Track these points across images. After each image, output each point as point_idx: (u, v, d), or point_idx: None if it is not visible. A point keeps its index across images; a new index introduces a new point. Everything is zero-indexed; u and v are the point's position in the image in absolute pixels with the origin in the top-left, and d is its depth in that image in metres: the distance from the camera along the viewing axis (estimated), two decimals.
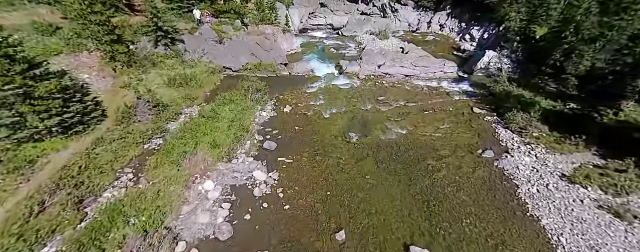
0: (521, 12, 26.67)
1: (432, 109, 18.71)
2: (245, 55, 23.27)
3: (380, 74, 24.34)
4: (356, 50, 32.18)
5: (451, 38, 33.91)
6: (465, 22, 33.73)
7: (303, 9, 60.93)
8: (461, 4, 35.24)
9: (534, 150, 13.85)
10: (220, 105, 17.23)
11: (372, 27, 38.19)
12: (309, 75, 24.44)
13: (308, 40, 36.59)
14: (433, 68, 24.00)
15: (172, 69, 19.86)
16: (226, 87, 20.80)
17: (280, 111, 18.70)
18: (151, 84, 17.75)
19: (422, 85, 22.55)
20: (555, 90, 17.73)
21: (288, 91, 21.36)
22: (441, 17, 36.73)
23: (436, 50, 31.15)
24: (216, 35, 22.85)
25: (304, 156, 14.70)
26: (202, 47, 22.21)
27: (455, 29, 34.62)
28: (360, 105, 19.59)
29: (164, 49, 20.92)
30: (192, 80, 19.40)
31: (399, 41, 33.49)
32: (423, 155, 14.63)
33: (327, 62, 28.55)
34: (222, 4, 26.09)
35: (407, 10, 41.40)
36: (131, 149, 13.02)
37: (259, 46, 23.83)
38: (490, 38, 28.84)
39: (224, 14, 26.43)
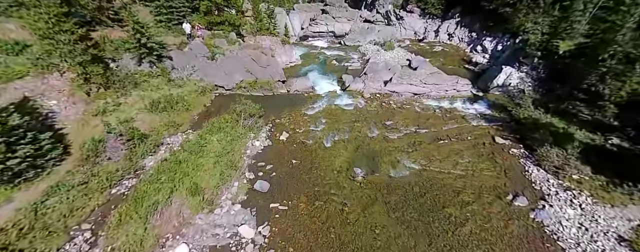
0: (539, 24, 24.25)
1: (448, 138, 16.25)
2: (239, 72, 20.96)
3: (386, 92, 21.92)
4: (360, 62, 29.80)
5: (461, 49, 31.42)
6: (476, 32, 31.23)
7: (304, 14, 58.67)
8: (471, 13, 32.76)
9: (577, 198, 11.37)
10: (208, 134, 14.91)
11: (376, 36, 35.76)
12: (309, 93, 22.05)
13: (308, 50, 34.23)
14: (445, 86, 21.55)
15: (157, 90, 17.56)
16: (217, 108, 18.47)
17: (276, 139, 16.32)
18: (130, 109, 15.46)
19: (434, 106, 20.08)
20: (590, 118, 15.24)
21: (286, 113, 18.99)
22: (450, 26, 34.26)
23: (446, 62, 28.71)
24: (208, 51, 20.55)
25: (302, 200, 12.30)
26: (192, 64, 19.92)
27: (465, 39, 32.14)
28: (365, 131, 17.17)
29: (149, 66, 18.64)
30: (179, 102, 17.07)
31: (405, 52, 31.07)
32: (442, 200, 12.18)
33: (329, 77, 26.17)
34: (216, 15, 23.85)
35: (413, 18, 38.98)
36: (94, 197, 10.70)
37: (254, 62, 21.50)
38: (505, 50, 26.33)
39: (218, 25, 24.16)
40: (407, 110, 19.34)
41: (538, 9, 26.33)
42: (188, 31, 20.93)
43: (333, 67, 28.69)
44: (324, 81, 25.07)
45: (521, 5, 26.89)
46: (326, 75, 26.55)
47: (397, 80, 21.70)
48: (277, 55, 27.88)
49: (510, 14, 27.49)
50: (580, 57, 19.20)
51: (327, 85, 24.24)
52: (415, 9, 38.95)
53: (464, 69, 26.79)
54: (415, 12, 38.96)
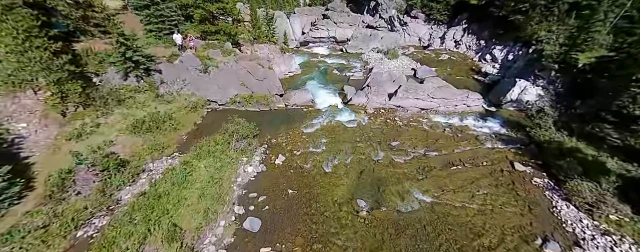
0: (554, 33, 22.52)
1: (461, 163, 14.53)
2: (234, 86, 19.37)
3: (391, 107, 20.24)
4: (362, 72, 28.14)
5: (469, 57, 29.68)
6: (485, 40, 29.49)
7: (305, 18, 57.06)
8: (479, 20, 31.01)
9: (619, 247, 9.67)
10: (195, 159, 13.30)
11: (379, 43, 34.11)
12: (308, 107, 20.39)
13: (308, 58, 32.61)
14: (454, 100, 19.84)
15: (143, 107, 15.99)
16: (209, 126, 16.85)
17: (271, 164, 14.66)
18: (110, 130, 13.90)
19: (443, 123, 18.36)
20: (621, 143, 13.50)
21: (283, 131, 17.34)
22: (456, 32, 32.53)
23: (453, 72, 26.99)
24: (200, 63, 18.97)
25: (298, 243, 10.60)
26: (183, 78, 18.35)
27: (473, 47, 30.40)
28: (369, 153, 15.48)
29: (136, 81, 17.10)
30: (166, 121, 15.47)
31: (409, 61, 29.39)
32: (459, 244, 10.45)
33: (330, 89, 24.52)
34: (210, 24, 22.30)
35: (418, 24, 37.29)
36: (54, 243, 9.12)
37: (250, 75, 19.90)
38: (517, 60, 24.57)
39: (212, 35, 22.60)
40: (414, 128, 17.63)
41: (552, 17, 24.58)
42: (179, 42, 19.36)
43: (334, 77, 27.04)
44: (324, 94, 23.42)
45: (534, 13, 25.16)
46: (327, 87, 24.90)
47: (402, 94, 20.01)
48: (276, 65, 26.31)
49: (522, 22, 25.73)
50: (603, 72, 17.47)
51: (328, 98, 22.59)
52: (419, 15, 37.28)
53: (473, 79, 25.04)
54: (419, 17, 37.29)
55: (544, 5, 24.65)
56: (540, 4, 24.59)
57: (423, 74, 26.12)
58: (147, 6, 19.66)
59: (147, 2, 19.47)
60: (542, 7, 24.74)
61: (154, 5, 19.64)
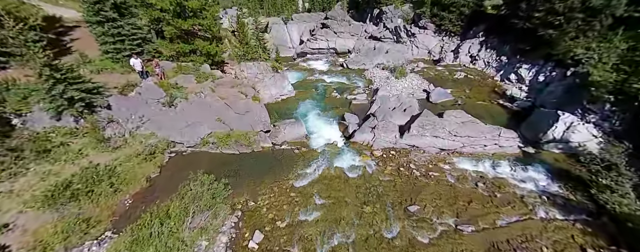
0: (594, 51, 18.35)
1: (510, 247, 10.30)
2: (207, 122, 15.22)
3: (404, 146, 16.00)
4: (365, 93, 23.91)
5: (488, 75, 25.37)
6: (507, 56, 25.17)
7: (303, 25, 52.66)
8: (499, 32, 26.70)
9: None
10: (128, 250, 9.17)
11: (385, 58, 29.86)
12: (301, 147, 16.14)
13: (304, 76, 28.37)
14: (482, 139, 15.57)
15: (77, 159, 11.88)
16: (168, 180, 12.48)
17: (242, 248, 10.49)
18: (12, 204, 9.78)
19: (472, 172, 14.04)
20: None
21: (265, 186, 13.06)
22: (472, 46, 28.25)
23: (472, 94, 22.65)
24: (164, 95, 14.86)
25: None
26: (141, 114, 14.24)
27: (492, 64, 26.08)
28: (380, 225, 11.20)
29: (74, 120, 13.08)
30: (104, 180, 11.35)
31: (420, 80, 25.12)
32: None
33: (328, 117, 20.26)
34: (183, 43, 18.18)
35: (427, 36, 33.05)
36: None
37: (229, 108, 15.73)
38: (551, 83, 20.20)
39: (186, 56, 18.52)
40: (436, 182, 13.31)
41: (592, 32, 20.32)
42: (138, 68, 15.22)
43: (333, 101, 22.81)
44: (321, 124, 19.19)
45: (569, 27, 20.90)
46: (324, 114, 20.65)
47: (417, 131, 15.75)
48: (265, 87, 22.15)
49: (554, 37, 21.46)
50: None
51: (326, 130, 18.36)
52: (428, 25, 33.06)
53: (498, 105, 20.71)
54: (429, 28, 33.07)
55: (582, 18, 20.41)
56: (577, 17, 20.34)
57: (438, 97, 21.85)
58: (100, 23, 15.63)
59: (100, 18, 15.43)
60: (579, 20, 20.50)
61: (108, 22, 15.57)
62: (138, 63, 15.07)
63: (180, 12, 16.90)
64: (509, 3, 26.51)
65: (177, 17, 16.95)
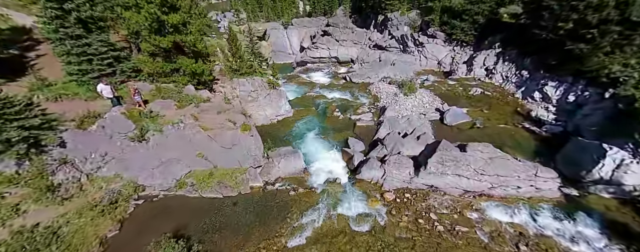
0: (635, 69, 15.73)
1: None
2: (187, 159, 12.60)
3: (420, 186, 13.30)
4: (371, 112, 21.23)
5: (507, 92, 22.57)
6: (529, 71, 22.37)
7: (303, 30, 49.93)
8: (518, 44, 23.98)
9: None
10: None
11: (391, 71, 27.14)
12: (298, 185, 13.48)
13: (304, 91, 25.70)
14: (514, 179, 12.81)
15: (10, 217, 9.28)
16: (129, 242, 9.82)
17: None
18: None
19: (506, 225, 11.27)
20: None
21: (251, 247, 10.29)
22: (487, 58, 25.50)
23: (491, 114, 19.89)
24: (133, 127, 12.31)
25: None
26: (103, 152, 11.68)
27: (512, 79, 23.30)
28: None
29: (15, 164, 10.56)
30: (42, 249, 8.78)
31: (431, 97, 22.41)
32: None
33: (330, 142, 17.58)
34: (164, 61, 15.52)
35: (436, 45, 30.34)
36: None
37: (213, 141, 13.12)
38: (584, 105, 17.47)
39: (168, 76, 15.91)
40: (465, 241, 10.51)
41: (630, 47, 17.58)
42: (107, 95, 12.63)
43: (336, 122, 20.15)
44: (322, 153, 16.51)
45: (604, 41, 18.14)
46: (326, 139, 17.98)
47: (436, 168, 13.04)
48: (260, 107, 19.57)
49: (586, 52, 18.70)
50: None
51: (327, 161, 15.68)
52: (438, 34, 30.37)
53: (524, 129, 17.92)
54: (438, 37, 30.38)
55: (619, 31, 17.68)
56: (613, 30, 17.60)
57: (453, 118, 19.11)
58: (61, 40, 13.12)
59: (61, 35, 12.91)
60: (616, 34, 17.76)
61: (73, 39, 13.03)
62: (107, 89, 12.46)
63: (159, 28, 14.36)
64: (529, 11, 23.82)
65: (155, 33, 14.42)
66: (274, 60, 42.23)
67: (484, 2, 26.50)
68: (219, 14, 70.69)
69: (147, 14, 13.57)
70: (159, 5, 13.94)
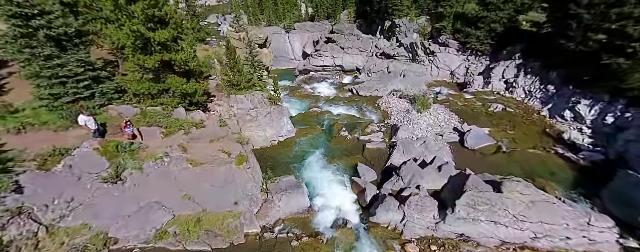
0: None
1: None
2: (171, 202, 10.54)
3: (449, 235, 11.08)
4: (382, 132, 19.01)
5: (532, 109, 20.20)
6: (556, 86, 20.07)
7: (306, 35, 47.75)
8: (542, 56, 21.68)
9: None
10: None
11: (402, 84, 24.91)
12: (301, 230, 11.31)
13: (307, 105, 23.56)
14: (563, 228, 10.46)
15: None
16: None
17: None
18: None
19: None
20: None
21: None
22: (507, 70, 23.21)
23: (517, 135, 17.57)
24: (107, 166, 10.27)
25: None
26: (69, 197, 9.66)
27: (536, 94, 20.95)
28: None
29: None
30: None
31: (448, 114, 20.18)
32: None
33: (337, 170, 15.39)
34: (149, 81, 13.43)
35: (449, 54, 28.12)
36: None
37: (203, 178, 11.05)
38: (627, 128, 15.21)
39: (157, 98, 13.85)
40: None
41: None
42: (93, 127, 10.58)
43: (343, 143, 17.99)
44: (328, 184, 14.33)
45: None
46: (333, 166, 15.80)
47: (466, 213, 10.83)
48: (260, 128, 17.51)
49: (628, 68, 16.38)
50: None
51: (335, 196, 13.56)
52: (451, 42, 28.15)
53: (556, 156, 15.58)
54: (451, 46, 28.15)
55: None
56: None
57: (475, 141, 16.86)
58: (28, 61, 11.17)
59: (28, 55, 10.96)
60: None
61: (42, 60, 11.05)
62: (91, 121, 10.41)
63: (144, 46, 12.37)
64: (554, 20, 21.56)
65: (141, 52, 12.43)
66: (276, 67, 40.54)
67: (502, 10, 24.29)
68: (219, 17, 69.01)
69: (130, 32, 11.56)
70: (145, 21, 11.93)
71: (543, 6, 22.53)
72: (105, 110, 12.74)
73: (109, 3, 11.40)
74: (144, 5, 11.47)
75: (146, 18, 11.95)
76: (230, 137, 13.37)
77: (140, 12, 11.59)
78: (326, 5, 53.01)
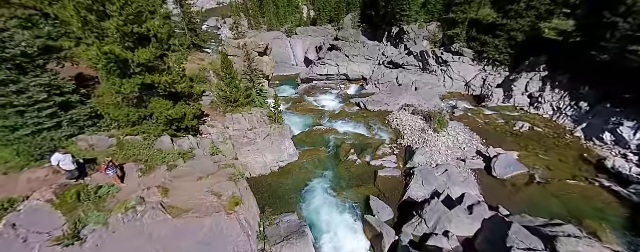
0: None
1: None
2: None
3: None
4: (396, 155, 16.79)
5: (564, 129, 17.87)
6: (590, 104, 17.82)
7: (308, 40, 45.66)
8: (571, 68, 19.46)
9: None
10: None
11: (414, 98, 22.60)
12: None
13: (311, 122, 21.33)
14: None
15: None
16: None
17: None
18: None
19: None
20: None
21: None
22: (531, 83, 20.90)
23: (552, 163, 15.08)
24: (63, 223, 8.15)
25: None
26: None
27: (566, 111, 18.66)
28: None
29: None
30: None
31: (468, 134, 17.95)
32: None
33: (347, 206, 13.32)
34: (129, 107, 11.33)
35: (463, 64, 25.85)
36: None
37: (185, 233, 8.93)
38: None
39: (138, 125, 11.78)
40: None
41: None
42: (70, 167, 8.49)
43: (352, 169, 15.74)
44: (337, 225, 12.13)
45: None
46: (341, 199, 13.64)
47: None
48: (258, 153, 15.39)
49: None
50: None
51: (345, 242, 11.41)
52: (465, 51, 25.90)
53: (602, 188, 13.33)
54: (465, 55, 25.95)
55: None
56: None
57: (504, 169, 14.52)
58: None
59: None
60: None
61: None
62: (66, 160, 8.34)
63: (121, 68, 10.32)
64: (585, 27, 19.30)
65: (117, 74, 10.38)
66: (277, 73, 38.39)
67: (523, 17, 22.06)
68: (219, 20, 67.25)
69: (100, 54, 9.48)
70: (121, 40, 9.84)
71: (571, 13, 20.26)
72: (72, 142, 10.65)
73: (75, 19, 9.31)
74: (119, 22, 9.37)
75: (123, 36, 9.87)
76: (222, 172, 11.22)
77: (115, 30, 9.50)
78: (328, 9, 50.75)
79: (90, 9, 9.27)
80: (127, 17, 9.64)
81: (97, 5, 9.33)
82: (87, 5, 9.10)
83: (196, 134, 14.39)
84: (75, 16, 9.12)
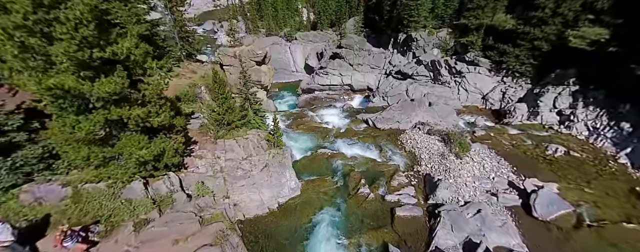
0: None
1: None
2: None
3: None
4: (414, 187, 14.44)
5: (604, 153, 15.57)
6: (633, 124, 15.53)
7: (309, 46, 43.56)
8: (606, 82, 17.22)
9: None
10: None
11: (429, 115, 20.14)
12: None
13: (314, 144, 18.81)
14: None
15: None
16: None
17: None
18: None
19: None
20: None
21: None
22: (560, 98, 18.57)
23: (598, 197, 12.83)
24: None
25: None
26: None
27: (605, 133, 16.31)
28: None
29: None
30: None
31: (495, 159, 15.64)
32: None
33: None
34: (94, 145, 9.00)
35: (479, 74, 23.55)
36: None
37: None
38: None
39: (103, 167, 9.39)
40: None
41: None
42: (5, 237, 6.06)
43: (364, 205, 13.29)
44: None
45: None
46: (352, 245, 11.38)
47: None
48: (254, 188, 13.02)
49: None
50: None
51: None
52: (480, 60, 23.60)
53: None
54: (481, 64, 23.66)
55: None
56: None
57: (547, 209, 12.04)
58: None
59: None
60: None
61: None
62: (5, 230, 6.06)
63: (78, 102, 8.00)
64: (621, 36, 17.07)
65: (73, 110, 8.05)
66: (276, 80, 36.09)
67: (547, 24, 19.83)
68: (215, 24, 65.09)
69: (43, 89, 7.13)
70: (76, 68, 7.46)
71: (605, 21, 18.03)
72: (12, 197, 8.25)
73: (10, 45, 6.86)
74: (67, 47, 6.94)
75: (78, 63, 7.47)
76: (206, 231, 8.85)
77: (64, 57, 7.09)
78: (329, 12, 48.27)
79: (31, 30, 6.84)
80: (83, 39, 7.23)
81: (41, 26, 6.90)
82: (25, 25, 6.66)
83: (180, 169, 12.04)
84: (5, 40, 6.71)
